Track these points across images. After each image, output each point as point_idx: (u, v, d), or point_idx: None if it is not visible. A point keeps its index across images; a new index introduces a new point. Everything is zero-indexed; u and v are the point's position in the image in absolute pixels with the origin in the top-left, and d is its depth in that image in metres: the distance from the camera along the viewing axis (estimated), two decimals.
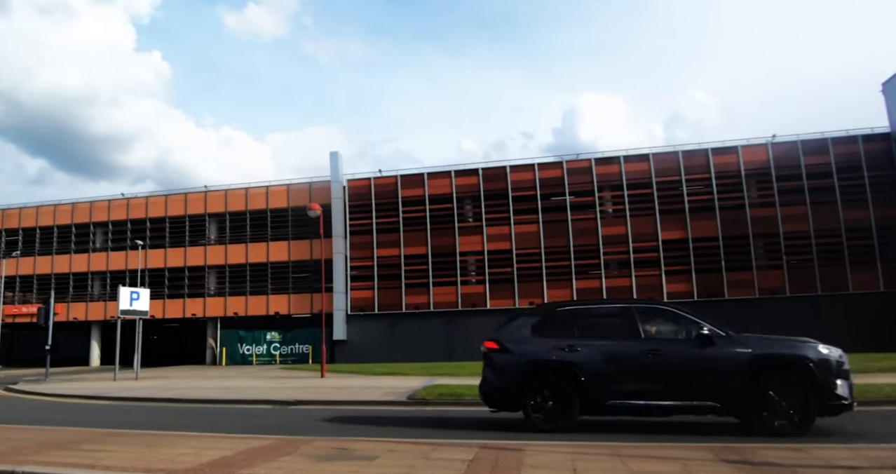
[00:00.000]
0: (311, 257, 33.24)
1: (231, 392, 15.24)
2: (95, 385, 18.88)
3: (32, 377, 24.50)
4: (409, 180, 32.91)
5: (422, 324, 33.17)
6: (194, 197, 34.34)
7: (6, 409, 13.44)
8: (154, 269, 36.29)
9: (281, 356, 32.92)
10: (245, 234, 33.26)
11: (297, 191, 33.78)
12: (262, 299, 32.59)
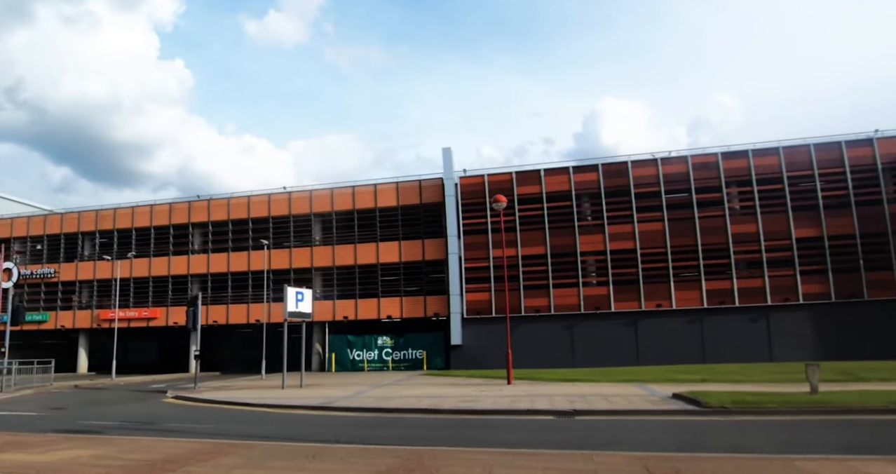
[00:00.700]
0: (423, 258, 31.79)
1: (470, 401, 15.10)
2: (271, 394, 19.12)
3: (179, 384, 25.61)
4: (524, 177, 31.94)
5: (541, 328, 33.08)
6: (298, 196, 33.10)
7: (232, 421, 12.96)
8: (256, 272, 37.03)
9: (393, 362, 31.71)
10: (353, 235, 31.80)
11: (406, 189, 32.30)
12: (372, 302, 31.18)
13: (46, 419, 13.26)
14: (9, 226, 38.61)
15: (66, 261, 37.10)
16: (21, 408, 16.26)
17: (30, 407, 16.56)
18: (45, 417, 13.73)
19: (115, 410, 15.55)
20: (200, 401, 16.94)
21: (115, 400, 18.84)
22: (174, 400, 17.80)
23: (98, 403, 17.58)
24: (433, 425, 11.23)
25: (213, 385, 23.09)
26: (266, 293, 33.20)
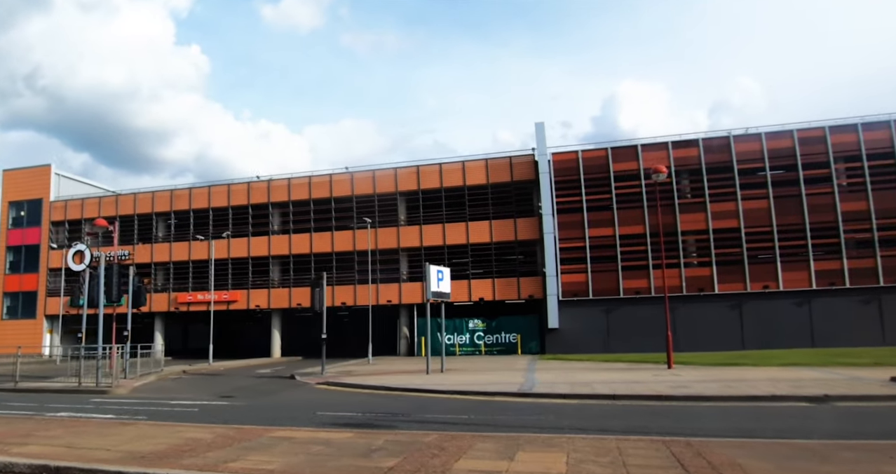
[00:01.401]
0: (516, 238, 30.77)
1: (679, 387, 14.49)
2: (427, 379, 18.46)
3: (292, 369, 24.93)
4: (620, 153, 31.23)
5: (640, 310, 32.46)
6: (383, 174, 32.15)
7: (467, 410, 11.88)
8: (341, 253, 37.09)
9: (486, 346, 30.76)
10: (441, 214, 30.40)
11: (496, 165, 31.12)
12: (462, 284, 30.37)
13: (254, 409, 12.77)
14: (79, 207, 38.00)
15: (140, 243, 35.82)
16: (183, 396, 16.12)
17: (191, 395, 16.45)
18: (249, 407, 13.31)
19: (293, 398, 15.28)
20: (359, 388, 16.94)
21: (264, 386, 19.00)
22: (326, 387, 17.80)
23: (255, 391, 17.45)
24: (688, 413, 10.88)
25: (336, 370, 23.71)
26: (354, 275, 32.10)
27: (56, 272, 40.68)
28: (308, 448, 7.08)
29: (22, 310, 39.78)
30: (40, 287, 40.16)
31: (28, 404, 13.86)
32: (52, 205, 40.77)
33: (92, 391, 16.36)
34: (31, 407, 13.19)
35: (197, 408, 12.80)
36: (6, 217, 41.15)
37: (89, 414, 11.55)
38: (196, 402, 14.16)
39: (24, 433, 8.45)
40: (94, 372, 18.86)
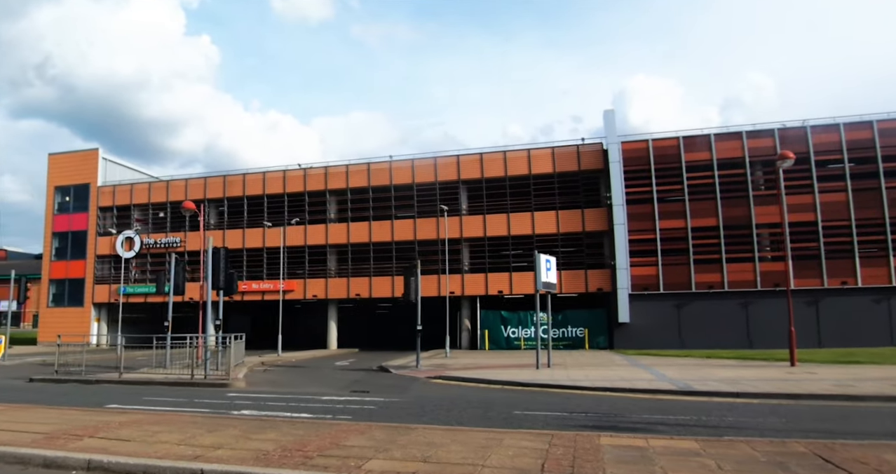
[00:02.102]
0: (584, 229, 29.61)
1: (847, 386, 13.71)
2: (544, 374, 18.05)
3: (378, 361, 24.39)
4: (692, 142, 30.04)
5: (713, 305, 32.07)
6: (445, 161, 31.21)
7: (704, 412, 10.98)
8: (401, 242, 36.25)
9: (552, 340, 29.39)
10: (505, 203, 29.53)
11: (563, 154, 30.17)
12: (527, 276, 29.84)
13: (434, 408, 11.69)
14: (128, 192, 37.20)
15: (191, 230, 34.89)
16: (313, 391, 15.36)
17: (319, 389, 15.66)
18: (418, 405, 12.26)
19: (436, 394, 14.43)
20: (485, 383, 16.45)
21: (377, 380, 18.34)
22: (443, 381, 17.34)
23: (377, 385, 16.89)
24: None
25: (427, 363, 23.30)
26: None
27: (104, 259, 39.77)
28: (703, 462, 6.20)
29: (69, 298, 38.98)
30: (88, 274, 39.41)
31: (177, 398, 12.98)
32: (99, 190, 40.03)
33: (211, 384, 15.50)
34: (184, 402, 12.30)
35: (374, 406, 11.90)
36: (52, 202, 40.34)
37: (286, 414, 10.63)
38: (344, 398, 13.43)
39: (334, 440, 7.41)
40: (183, 362, 18.12)
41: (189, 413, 10.33)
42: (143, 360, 23.94)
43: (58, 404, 11.43)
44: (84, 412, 10.12)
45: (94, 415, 9.64)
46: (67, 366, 17.76)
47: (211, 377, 16.32)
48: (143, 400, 12.63)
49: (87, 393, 14.37)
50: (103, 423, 8.71)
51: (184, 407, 11.67)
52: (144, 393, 14.39)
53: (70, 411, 10.25)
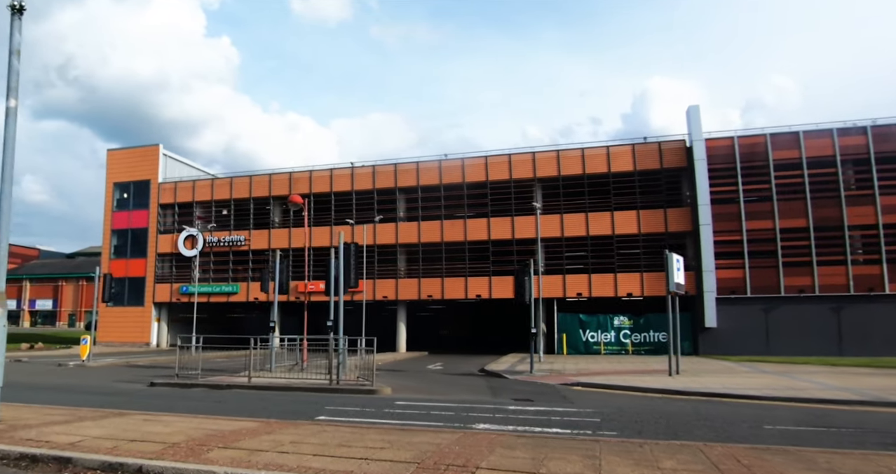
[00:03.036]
0: (666, 229, 28.29)
1: None
2: (687, 381, 17.14)
3: (496, 367, 23.20)
4: (780, 140, 29.38)
5: (802, 310, 31.08)
6: (519, 159, 30.33)
7: None
8: (474, 242, 35.27)
9: (633, 345, 28.93)
10: (583, 202, 28.28)
11: (643, 151, 29.01)
12: (607, 278, 28.26)
13: (648, 421, 10.76)
14: (190, 189, 36.54)
15: (256, 228, 34.06)
16: (460, 398, 14.52)
17: (462, 396, 14.89)
18: (617, 415, 11.47)
19: (608, 403, 13.54)
20: (630, 390, 15.81)
21: (513, 386, 17.38)
22: (582, 388, 16.56)
23: (521, 391, 15.81)
24: None
25: (538, 368, 22.27)
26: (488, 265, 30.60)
27: (165, 257, 39.06)
28: None
29: (128, 297, 38.28)
30: (148, 273, 38.88)
31: (352, 408, 12.17)
32: (160, 186, 39.39)
33: (356, 390, 14.54)
34: (372, 412, 11.65)
35: (599, 418, 11.07)
36: (111, 199, 39.71)
37: (534, 429, 9.67)
38: (522, 407, 12.65)
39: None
40: (282, 365, 17.19)
41: (458, 429, 9.24)
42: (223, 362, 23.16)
43: (244, 414, 10.68)
44: (332, 428, 8.89)
45: (356, 435, 8.31)
46: (185, 369, 16.82)
47: (345, 382, 15.34)
48: (327, 410, 11.77)
49: (249, 401, 13.53)
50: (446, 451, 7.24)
51: (383, 418, 10.72)
52: (308, 401, 13.44)
53: (327, 428, 8.92)
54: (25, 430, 8.10)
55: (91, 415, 9.68)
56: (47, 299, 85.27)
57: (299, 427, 8.90)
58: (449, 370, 23.85)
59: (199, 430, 8.34)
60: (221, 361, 23.61)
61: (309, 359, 20.10)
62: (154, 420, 9.31)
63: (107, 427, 8.54)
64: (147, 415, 9.88)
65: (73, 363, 24.11)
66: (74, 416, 9.53)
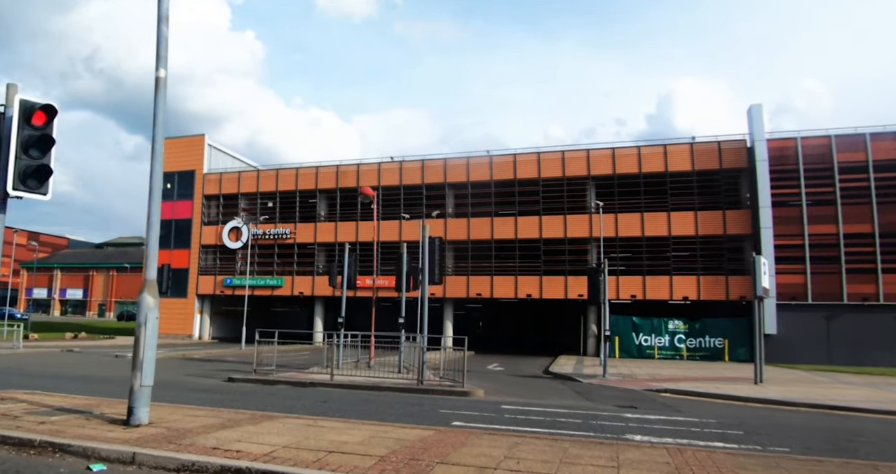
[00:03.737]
0: (725, 232, 27.24)
1: None
2: (778, 390, 16.39)
3: (561, 369, 22.81)
4: (845, 142, 29.32)
5: (866, 319, 30.01)
6: (573, 156, 29.80)
7: None
8: (524, 240, 34.45)
9: (688, 350, 27.91)
10: (639, 202, 27.54)
11: (702, 151, 28.08)
12: (662, 280, 27.51)
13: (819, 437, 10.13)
14: (235, 180, 36.23)
15: (302, 221, 33.66)
16: (556, 402, 13.79)
17: (558, 401, 14.09)
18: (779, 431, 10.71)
19: (726, 414, 12.77)
20: (722, 398, 15.16)
21: (599, 393, 16.33)
22: (671, 395, 15.90)
23: (612, 398, 15.12)
24: None
25: (613, 372, 21.86)
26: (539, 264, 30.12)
27: (208, 249, 38.82)
28: None
29: (171, 288, 37.79)
30: (192, 264, 38.75)
31: (471, 412, 11.53)
32: (205, 177, 39.12)
33: (447, 391, 13.95)
34: (493, 418, 10.98)
35: (741, 431, 10.37)
36: None
37: (705, 443, 8.98)
38: (636, 415, 11.97)
39: None
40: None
41: (616, 441, 8.49)
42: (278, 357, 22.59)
43: (369, 416, 10.21)
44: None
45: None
46: (262, 365, 16.32)
47: (429, 382, 14.76)
48: (456, 415, 11.06)
49: (352, 401, 12.73)
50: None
51: (519, 426, 9.93)
52: (412, 402, 12.74)
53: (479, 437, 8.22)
54: (193, 436, 7.36)
55: (238, 418, 8.94)
56: (77, 289, 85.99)
57: (482, 437, 8.06)
58: (511, 371, 23.38)
59: (384, 438, 7.63)
60: (277, 356, 23.19)
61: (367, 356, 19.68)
62: (315, 425, 8.58)
63: (278, 433, 7.80)
64: (302, 419, 9.12)
65: (131, 355, 23.50)
66: (222, 418, 8.89)
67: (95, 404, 9.71)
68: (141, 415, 7.69)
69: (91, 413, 8.82)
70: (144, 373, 7.64)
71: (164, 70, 7.55)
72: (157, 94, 7.65)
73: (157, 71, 7.52)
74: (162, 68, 7.56)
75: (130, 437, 7.07)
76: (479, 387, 15.00)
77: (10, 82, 8.56)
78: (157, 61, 7.61)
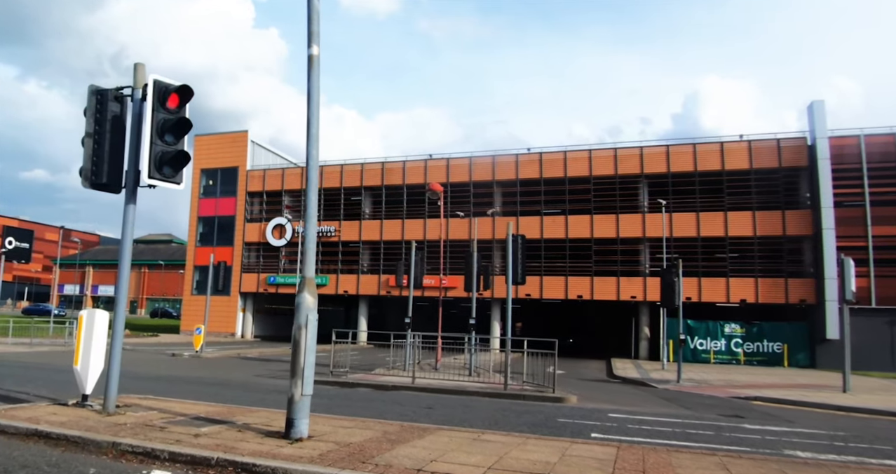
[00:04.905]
0: (784, 232, 26.03)
1: None
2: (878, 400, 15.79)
3: (632, 374, 22.08)
4: None
5: None
6: (626, 153, 28.25)
7: None
8: (575, 239, 33.82)
9: (745, 355, 26.87)
10: (694, 201, 26.38)
11: (760, 149, 27.10)
12: (718, 282, 26.63)
13: None
14: (279, 177, 35.93)
15: (346, 219, 33.19)
16: (668, 411, 13.25)
17: (666, 410, 13.47)
18: None
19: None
20: (827, 408, 14.40)
21: (686, 400, 15.71)
22: (763, 403, 15.19)
23: (703, 405, 14.62)
24: None
25: (684, 378, 20.53)
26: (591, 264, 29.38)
27: (252, 246, 38.56)
28: None
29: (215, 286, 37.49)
30: (235, 262, 38.30)
31: (667, 427, 10.86)
32: (248, 174, 38.85)
33: (538, 397, 13.37)
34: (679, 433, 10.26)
35: (889, 445, 9.72)
36: (198, 185, 39.33)
37: (878, 461, 8.33)
38: (769, 427, 11.13)
39: None
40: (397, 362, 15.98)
41: (783, 457, 7.88)
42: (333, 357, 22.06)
43: (489, 425, 9.68)
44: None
45: None
46: (338, 367, 15.83)
47: (513, 387, 14.14)
48: (590, 426, 10.42)
49: (453, 407, 12.17)
50: None
51: (650, 438, 9.33)
52: (517, 410, 12.13)
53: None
54: (375, 453, 6.50)
55: (391, 429, 8.08)
56: (109, 285, 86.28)
57: (677, 456, 7.28)
58: (573, 375, 22.68)
59: (573, 457, 6.91)
60: (329, 356, 22.63)
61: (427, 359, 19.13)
62: (481, 439, 7.78)
63: (459, 449, 7.04)
64: (459, 432, 8.34)
65: (188, 353, 23.83)
66: (375, 430, 8.02)
67: (227, 412, 9.07)
68: (302, 428, 6.99)
69: (234, 423, 8.08)
70: (306, 381, 6.91)
71: (316, 47, 6.98)
72: (311, 72, 7.07)
73: (309, 48, 6.97)
74: (315, 45, 6.99)
75: (313, 455, 6.37)
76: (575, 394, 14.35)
77: (138, 62, 8.13)
78: (308, 38, 7.04)
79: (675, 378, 20.99)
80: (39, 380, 13.50)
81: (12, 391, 11.34)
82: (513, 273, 16.28)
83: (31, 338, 25.73)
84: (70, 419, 7.75)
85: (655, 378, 21.38)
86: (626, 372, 23.47)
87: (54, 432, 6.98)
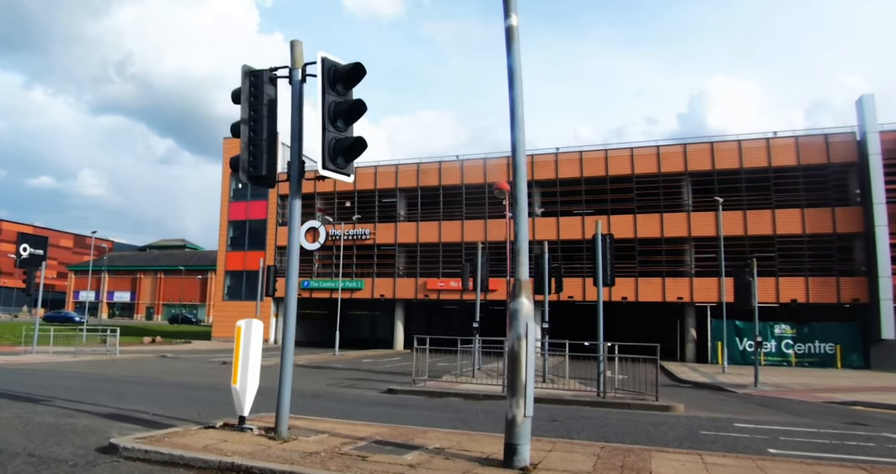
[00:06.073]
0: (834, 230, 25.04)
1: None
2: None
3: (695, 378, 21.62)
4: None
5: None
6: (669, 151, 27.40)
7: None
8: (619, 240, 31.25)
9: (796, 356, 25.68)
10: (740, 198, 25.55)
11: (808, 145, 26.15)
12: (768, 282, 26.38)
13: None
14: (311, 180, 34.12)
15: (381, 221, 32.43)
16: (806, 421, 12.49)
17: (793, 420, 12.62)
18: None
19: None
20: None
21: (777, 405, 15.03)
22: (872, 409, 14.47)
23: (800, 411, 13.88)
24: None
25: (730, 380, 20.42)
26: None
27: (285, 250, 37.67)
28: None
29: (245, 291, 36.90)
30: None
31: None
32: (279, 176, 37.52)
33: (643, 405, 12.77)
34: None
35: None
36: (227, 189, 38.49)
37: None
38: None
39: None
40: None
41: None
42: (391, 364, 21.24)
43: (644, 441, 8.95)
44: None
45: None
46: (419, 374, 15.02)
47: (610, 396, 13.35)
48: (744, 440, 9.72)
49: (582, 421, 11.14)
50: None
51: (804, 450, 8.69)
52: (639, 421, 11.39)
53: None
54: None
55: (592, 451, 7.16)
56: (125, 291, 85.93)
57: None
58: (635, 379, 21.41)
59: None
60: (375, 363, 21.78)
61: None
62: (712, 462, 6.82)
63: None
64: (683, 455, 7.37)
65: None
66: (583, 453, 7.02)
67: (397, 434, 7.94)
68: (525, 455, 6.03)
69: (425, 448, 7.01)
70: (528, 400, 5.95)
71: (515, 16, 6.21)
72: (511, 47, 6.39)
73: (507, 19, 6.21)
74: (514, 14, 6.22)
75: None
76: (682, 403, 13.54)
77: (294, 39, 7.40)
78: (504, 7, 6.30)
79: (744, 381, 20.26)
80: (143, 396, 12.34)
81: (131, 410, 10.08)
82: (602, 274, 15.48)
83: (74, 347, 25.15)
84: (250, 448, 6.60)
85: (725, 382, 20.90)
86: (689, 376, 23.04)
87: (256, 466, 5.85)
